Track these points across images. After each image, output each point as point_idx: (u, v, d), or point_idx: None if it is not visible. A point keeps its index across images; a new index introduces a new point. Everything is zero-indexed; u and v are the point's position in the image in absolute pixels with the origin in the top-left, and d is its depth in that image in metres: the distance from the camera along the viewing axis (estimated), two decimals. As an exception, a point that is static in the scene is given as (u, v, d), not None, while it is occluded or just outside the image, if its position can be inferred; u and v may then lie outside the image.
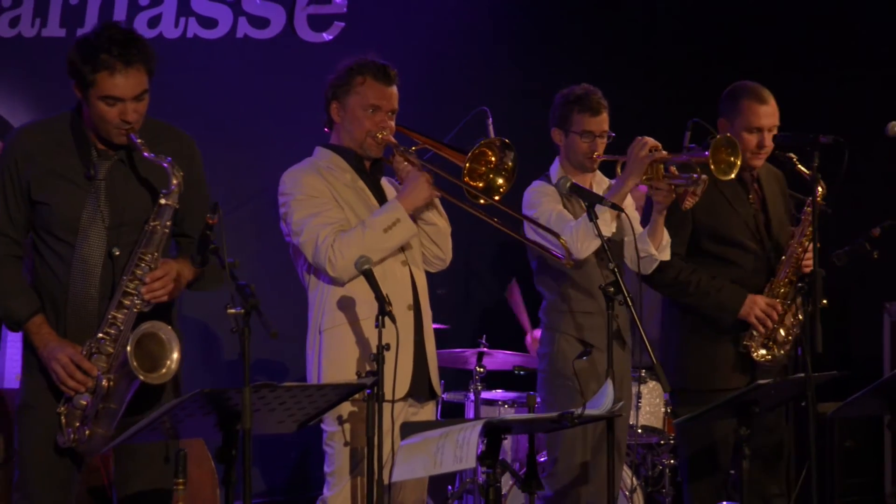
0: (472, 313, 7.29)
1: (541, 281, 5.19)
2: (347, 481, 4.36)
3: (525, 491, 3.99)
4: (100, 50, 3.88)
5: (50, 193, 3.98)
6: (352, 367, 4.35)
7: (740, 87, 5.19)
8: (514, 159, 4.44)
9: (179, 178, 3.96)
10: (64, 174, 3.99)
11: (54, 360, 3.93)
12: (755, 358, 5.07)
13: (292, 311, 5.01)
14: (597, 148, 5.10)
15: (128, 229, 4.02)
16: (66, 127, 4.03)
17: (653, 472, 6.25)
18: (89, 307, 4.00)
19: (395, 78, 4.51)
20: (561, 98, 5.17)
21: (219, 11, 6.77)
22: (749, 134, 5.10)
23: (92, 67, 3.88)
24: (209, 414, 3.64)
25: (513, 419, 3.86)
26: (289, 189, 4.46)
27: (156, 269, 3.96)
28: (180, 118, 4.31)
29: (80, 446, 3.96)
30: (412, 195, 4.42)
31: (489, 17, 7.41)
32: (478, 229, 4.84)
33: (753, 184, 5.23)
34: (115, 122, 3.93)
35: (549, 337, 5.13)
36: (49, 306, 4.02)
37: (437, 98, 6.86)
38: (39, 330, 3.98)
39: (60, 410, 3.96)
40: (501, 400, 6.34)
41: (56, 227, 3.99)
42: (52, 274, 4.02)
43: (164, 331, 3.95)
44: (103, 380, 3.93)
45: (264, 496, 6.75)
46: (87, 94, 3.93)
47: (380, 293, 4.15)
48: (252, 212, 6.68)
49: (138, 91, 3.94)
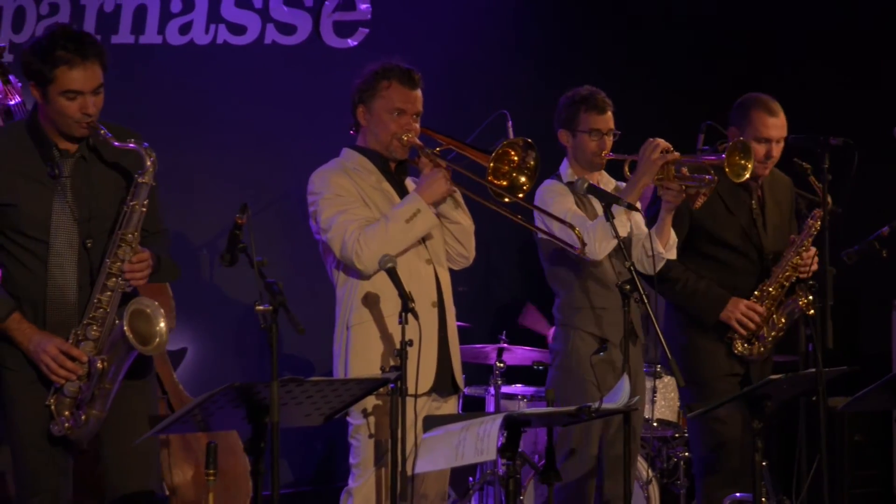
0: (492, 310, 7.29)
1: (554, 279, 5.18)
2: (372, 473, 4.38)
3: (544, 482, 4.00)
4: (56, 47, 3.92)
5: (16, 194, 4.00)
6: (377, 363, 4.37)
7: (751, 99, 5.22)
8: (536, 158, 4.45)
9: (153, 157, 4.00)
10: (28, 175, 4.01)
11: (43, 353, 3.94)
12: (737, 352, 5.15)
13: (318, 307, 5.04)
14: (605, 146, 5.10)
15: (97, 221, 4.05)
16: (23, 131, 4.06)
17: (668, 465, 6.25)
18: (69, 299, 4.02)
19: (419, 81, 4.53)
20: (566, 100, 5.16)
21: (248, 18, 6.79)
22: (758, 144, 5.13)
23: (51, 65, 3.92)
24: (239, 407, 3.66)
25: (532, 413, 3.87)
26: (317, 188, 4.49)
27: (136, 249, 4.00)
28: (211, 121, 4.34)
29: (75, 432, 3.98)
30: (430, 188, 4.43)
31: (509, 24, 7.41)
32: (498, 228, 4.85)
33: (758, 190, 5.25)
34: (75, 115, 3.96)
35: (562, 333, 5.12)
36: (26, 303, 4.02)
37: (458, 102, 6.87)
38: (20, 326, 3.99)
39: (49, 402, 3.97)
40: (521, 394, 6.35)
41: (26, 226, 4.01)
42: (26, 271, 4.03)
43: (147, 305, 3.98)
44: (97, 362, 3.96)
45: (292, 486, 6.77)
46: (46, 91, 3.96)
47: (403, 290, 4.17)
48: (279, 212, 6.70)
49: (95, 84, 3.97)
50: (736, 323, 5.12)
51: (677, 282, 5.15)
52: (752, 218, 5.23)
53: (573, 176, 5.12)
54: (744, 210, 5.22)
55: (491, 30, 7.34)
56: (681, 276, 5.15)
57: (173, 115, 6.46)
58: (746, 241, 5.21)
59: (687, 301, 5.17)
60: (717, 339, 5.18)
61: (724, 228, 5.19)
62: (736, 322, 5.12)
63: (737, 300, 5.14)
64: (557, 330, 5.17)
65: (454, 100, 6.83)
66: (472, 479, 6.29)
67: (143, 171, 4.00)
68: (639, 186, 4.89)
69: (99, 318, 3.99)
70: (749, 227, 5.22)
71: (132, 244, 4.00)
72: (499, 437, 3.56)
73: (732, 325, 5.12)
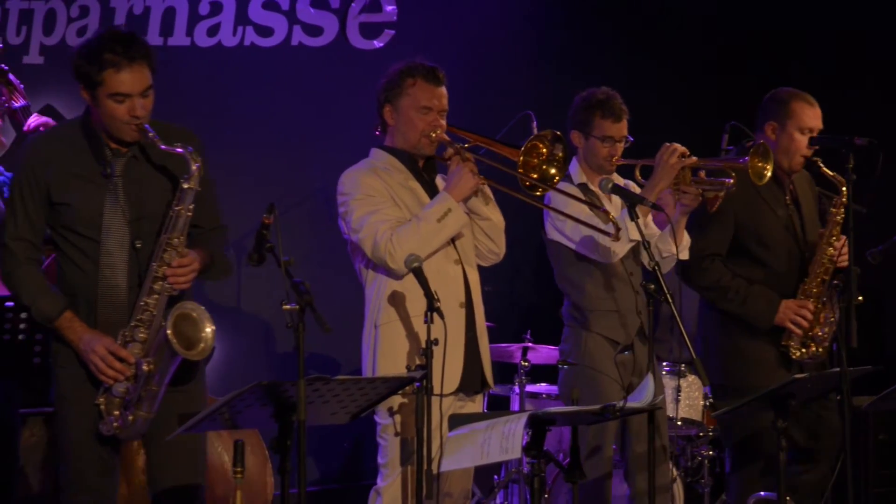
0: (517, 310, 7.28)
1: (564, 280, 5.13)
2: (399, 472, 4.37)
3: (569, 481, 3.98)
4: (103, 50, 3.92)
5: (70, 194, 4.01)
6: (405, 361, 4.36)
7: (787, 92, 5.17)
8: (564, 150, 4.44)
9: (199, 161, 4.00)
10: (81, 174, 4.02)
11: (91, 353, 3.95)
12: (795, 357, 5.06)
13: (345, 307, 5.03)
14: (616, 152, 5.04)
15: (147, 221, 4.05)
16: (78, 131, 4.07)
17: (692, 463, 6.22)
18: (118, 299, 4.02)
19: (443, 79, 4.52)
20: (582, 101, 5.09)
21: (275, 20, 6.80)
22: (801, 135, 5.08)
23: (98, 67, 3.92)
24: (266, 405, 3.66)
25: (556, 412, 3.85)
26: (347, 189, 4.48)
27: (182, 253, 3.99)
28: (238, 121, 4.34)
29: (123, 432, 3.98)
30: (458, 185, 4.41)
31: (533, 25, 7.40)
32: (522, 228, 4.84)
33: (790, 186, 5.20)
34: (124, 118, 3.96)
35: (572, 333, 5.08)
36: (79, 301, 4.03)
37: (483, 102, 6.85)
38: (72, 324, 4.00)
39: (99, 401, 3.98)
40: (545, 393, 6.34)
41: (79, 225, 4.02)
42: (78, 270, 4.04)
43: (194, 309, 3.98)
44: (143, 364, 3.95)
45: (318, 484, 6.77)
46: (95, 94, 3.96)
47: (428, 290, 4.16)
48: (306, 212, 6.71)
49: (144, 86, 3.96)
50: (790, 324, 5.04)
51: (729, 290, 5.09)
52: (789, 214, 5.18)
53: (583, 177, 5.08)
54: (781, 207, 5.17)
55: (515, 31, 7.33)
56: (731, 283, 5.08)
57: (201, 116, 6.47)
58: (789, 239, 5.16)
59: (741, 309, 5.09)
60: (768, 342, 5.10)
61: (769, 227, 5.13)
62: (790, 323, 5.05)
63: (787, 302, 5.07)
64: (568, 331, 5.13)
65: (479, 100, 6.81)
66: (497, 478, 6.28)
67: (189, 175, 3.99)
68: (656, 191, 4.83)
69: (146, 321, 3.98)
70: (788, 224, 5.17)
71: (178, 248, 3.99)
72: (524, 435, 3.54)
73: (787, 326, 5.04)
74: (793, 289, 5.11)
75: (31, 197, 4.02)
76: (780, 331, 5.07)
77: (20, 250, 4.04)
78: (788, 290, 5.11)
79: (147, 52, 3.99)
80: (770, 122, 5.14)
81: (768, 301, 5.07)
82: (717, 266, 5.10)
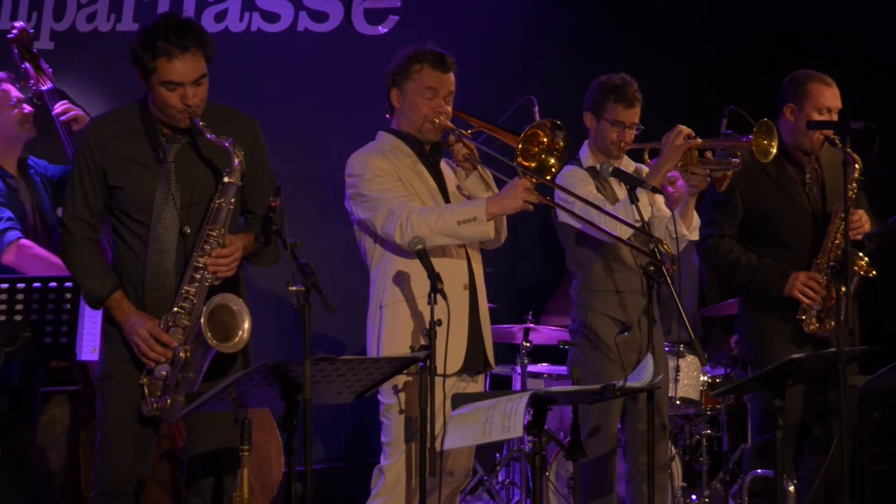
0: (518, 291, 7.27)
1: (574, 261, 5.13)
2: (403, 451, 4.37)
3: (570, 458, 3.98)
4: (157, 38, 3.90)
5: (124, 178, 4.01)
6: (408, 342, 4.35)
7: (804, 74, 5.16)
8: (564, 139, 4.40)
9: (241, 157, 3.98)
10: (136, 159, 4.02)
11: (135, 334, 3.96)
12: (810, 331, 5.05)
13: (350, 288, 5.02)
14: (625, 138, 5.03)
15: (197, 208, 4.05)
16: (136, 115, 4.06)
17: (690, 442, 6.23)
18: (166, 283, 4.03)
19: (451, 65, 4.49)
20: (598, 85, 5.08)
21: (281, 6, 6.78)
22: (819, 115, 5.06)
23: (152, 55, 3.90)
24: (272, 385, 3.65)
25: (557, 391, 3.85)
26: (357, 171, 4.46)
27: (223, 244, 3.98)
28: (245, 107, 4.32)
29: (163, 414, 4.00)
30: (503, 202, 4.34)
31: (535, 11, 7.37)
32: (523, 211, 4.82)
33: (813, 164, 5.18)
34: (177, 106, 3.95)
35: (580, 314, 5.08)
36: (129, 283, 4.05)
37: (486, 87, 6.83)
38: (120, 305, 4.01)
39: (143, 381, 3.99)
40: (547, 373, 6.34)
41: (132, 208, 4.03)
42: (131, 253, 4.05)
43: (234, 302, 3.98)
44: (181, 351, 3.96)
45: (324, 462, 6.77)
46: (149, 80, 3.95)
47: (432, 271, 4.15)
48: (312, 195, 6.69)
49: (196, 75, 3.94)
50: (799, 294, 5.03)
51: (738, 262, 5.10)
52: (806, 195, 5.16)
53: (593, 160, 5.07)
54: (795, 188, 5.15)
55: (517, 16, 7.31)
56: (741, 257, 5.09)
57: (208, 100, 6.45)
58: (805, 219, 5.13)
59: (751, 279, 5.10)
60: (784, 319, 5.09)
61: (778, 206, 5.11)
62: (798, 293, 5.03)
63: (796, 273, 5.05)
64: (575, 311, 5.13)
65: (481, 85, 6.79)
66: (499, 456, 6.29)
67: (231, 170, 3.98)
68: (662, 172, 4.82)
69: (187, 308, 3.99)
70: (804, 203, 5.14)
71: (219, 240, 3.98)
72: (525, 414, 3.54)
73: (797, 296, 5.03)
74: (807, 265, 5.10)
75: (88, 178, 4.02)
76: (795, 307, 5.06)
77: (77, 230, 4.05)
78: (802, 267, 5.10)
79: (202, 40, 3.95)
80: (788, 104, 5.14)
81: (779, 272, 5.07)
82: (727, 242, 5.12)
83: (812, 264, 5.09)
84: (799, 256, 5.11)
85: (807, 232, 5.14)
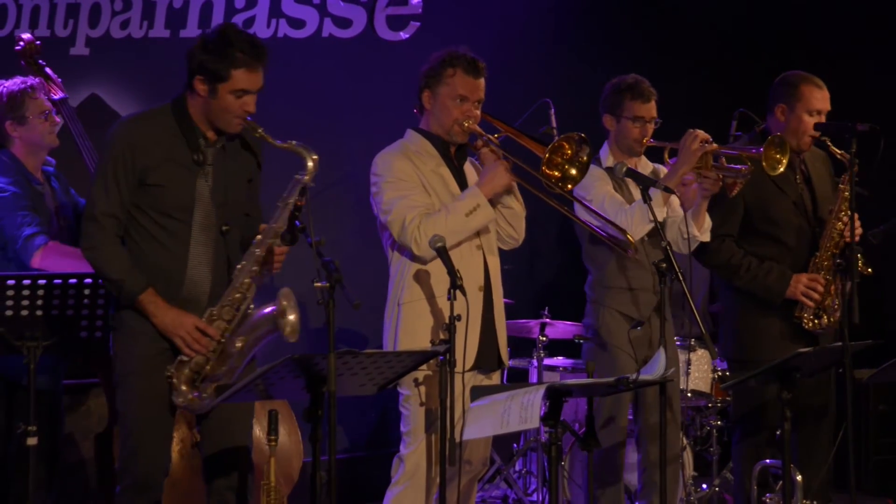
0: (535, 287, 7.28)
1: (589, 258, 5.14)
2: (422, 440, 4.39)
3: (584, 449, 4.00)
4: (234, 48, 3.96)
5: (165, 177, 4.03)
6: (425, 339, 4.37)
7: (796, 75, 5.15)
8: (589, 154, 4.44)
9: (314, 157, 4.04)
10: (176, 160, 4.05)
11: (180, 327, 3.98)
12: (808, 328, 5.04)
13: (373, 284, 5.04)
14: (646, 133, 5.06)
15: (232, 208, 4.11)
16: (170, 117, 4.08)
17: (701, 433, 6.23)
18: (203, 279, 4.06)
19: (483, 70, 4.49)
20: (612, 87, 5.11)
21: (306, 13, 6.81)
22: (809, 116, 5.07)
23: (229, 64, 3.96)
24: (298, 377, 3.68)
25: (573, 384, 3.86)
26: (381, 171, 4.48)
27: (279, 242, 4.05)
28: (272, 109, 4.35)
29: (195, 404, 4.01)
30: (491, 182, 4.42)
31: (552, 16, 7.38)
32: (540, 209, 4.83)
33: (800, 165, 5.18)
34: (238, 112, 4.02)
35: (594, 310, 5.09)
36: (160, 280, 4.03)
37: (504, 90, 6.82)
38: (155, 300, 4.01)
39: (169, 373, 4.00)
40: (562, 366, 6.35)
41: (171, 207, 4.04)
42: (163, 249, 4.05)
43: (287, 295, 4.00)
44: (237, 341, 4.00)
45: (347, 452, 6.80)
46: (215, 87, 3.99)
47: (452, 267, 4.17)
48: (336, 196, 6.71)
49: (261, 85, 4.06)
50: (802, 296, 5.03)
51: (740, 267, 5.08)
52: (800, 193, 5.16)
53: (612, 160, 5.09)
54: (791, 186, 5.15)
55: (535, 22, 7.32)
56: (742, 261, 5.08)
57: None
58: (798, 216, 5.14)
59: (752, 284, 5.07)
60: (779, 318, 5.08)
61: (777, 206, 5.10)
62: (802, 296, 5.03)
63: (798, 276, 5.04)
64: (589, 307, 5.14)
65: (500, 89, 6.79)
66: (517, 446, 6.30)
67: (305, 171, 4.02)
68: (678, 174, 4.84)
69: (235, 302, 4.02)
70: (798, 201, 5.15)
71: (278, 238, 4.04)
72: (542, 406, 3.55)
73: (799, 298, 5.02)
74: (804, 264, 5.09)
75: (123, 177, 4.01)
76: (791, 305, 5.06)
77: (111, 226, 4.03)
78: (799, 266, 5.10)
79: (268, 54, 4.06)
80: (780, 104, 5.13)
81: (780, 275, 5.05)
82: (728, 245, 5.10)
83: (810, 263, 5.09)
84: (796, 254, 5.11)
85: (804, 230, 5.14)
